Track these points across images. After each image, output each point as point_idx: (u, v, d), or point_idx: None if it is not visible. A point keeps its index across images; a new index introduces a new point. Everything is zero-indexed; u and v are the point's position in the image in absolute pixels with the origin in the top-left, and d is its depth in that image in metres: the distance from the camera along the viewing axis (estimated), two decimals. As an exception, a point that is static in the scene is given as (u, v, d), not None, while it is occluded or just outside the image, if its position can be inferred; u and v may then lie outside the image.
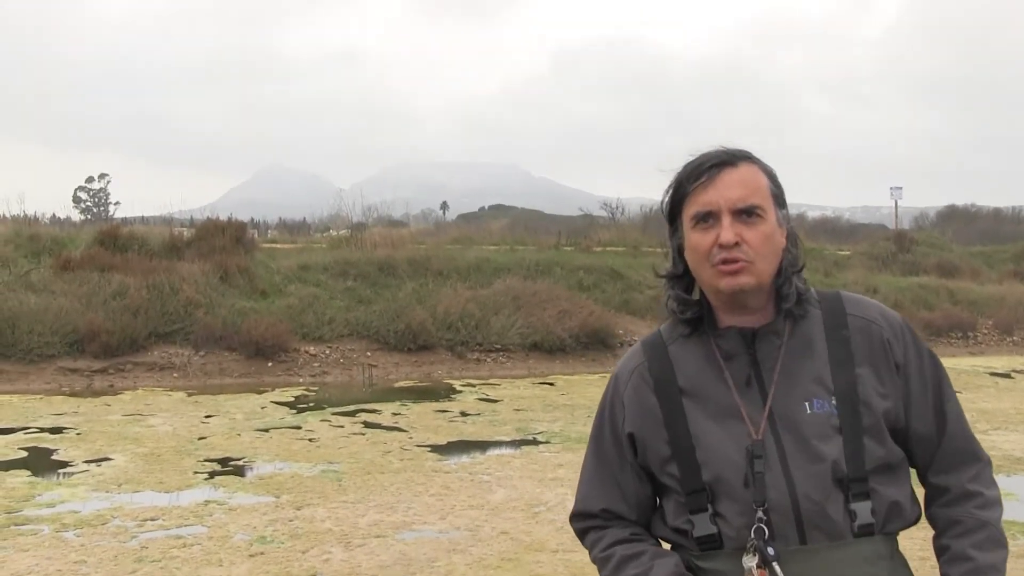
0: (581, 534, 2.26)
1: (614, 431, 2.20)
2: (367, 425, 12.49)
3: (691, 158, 2.12)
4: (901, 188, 39.99)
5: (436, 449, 10.98)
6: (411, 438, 11.54)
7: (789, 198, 2.16)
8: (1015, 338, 24.10)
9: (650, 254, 26.74)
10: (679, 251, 2.15)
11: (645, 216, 48.89)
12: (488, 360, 18.78)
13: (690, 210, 2.08)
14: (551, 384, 16.95)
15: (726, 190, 2.04)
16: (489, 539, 7.47)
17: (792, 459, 2.01)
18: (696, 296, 2.15)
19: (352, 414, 13.32)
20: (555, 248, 27.70)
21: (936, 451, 2.13)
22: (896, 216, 43.98)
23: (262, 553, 7.02)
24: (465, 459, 10.58)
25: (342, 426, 12.36)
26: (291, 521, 7.88)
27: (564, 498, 8.71)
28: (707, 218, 2.04)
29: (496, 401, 14.70)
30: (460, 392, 15.81)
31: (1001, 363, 20.89)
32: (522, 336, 19.15)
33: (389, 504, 8.43)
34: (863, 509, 2.00)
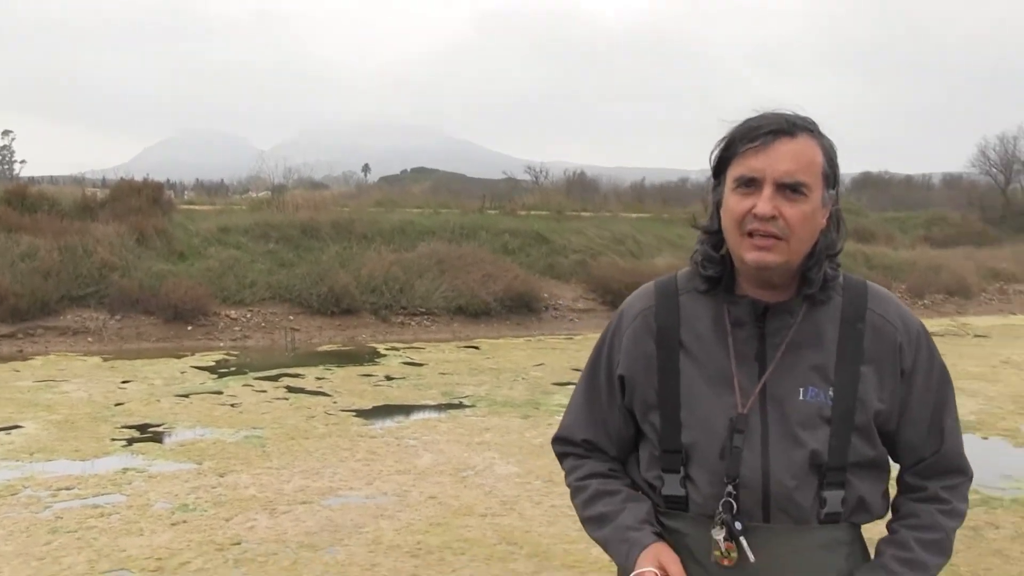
0: (560, 457, 2.26)
1: (609, 368, 2.16)
2: (290, 390, 12.27)
3: (753, 115, 2.01)
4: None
5: (361, 414, 10.83)
6: (335, 403, 11.37)
7: (708, 165, 2.07)
8: (926, 301, 24.58)
9: (574, 218, 26.76)
10: (717, 207, 2.06)
11: (568, 180, 49.07)
12: (413, 324, 18.62)
13: (735, 171, 1.98)
14: (476, 348, 16.85)
15: (776, 160, 1.94)
16: (417, 504, 7.37)
17: (773, 441, 1.96)
18: (721, 255, 2.06)
19: (275, 379, 13.09)
20: (479, 212, 27.58)
21: (924, 461, 2.09)
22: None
23: (184, 521, 6.82)
24: (391, 423, 10.45)
25: (265, 391, 12.13)
26: (214, 488, 7.68)
27: (492, 462, 8.64)
28: (750, 184, 1.95)
29: (421, 365, 14.56)
30: (385, 356, 15.64)
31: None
32: (447, 300, 19.02)
33: (314, 470, 8.27)
34: (834, 497, 1.97)
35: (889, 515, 2.13)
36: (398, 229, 21.92)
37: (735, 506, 1.94)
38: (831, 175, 2.00)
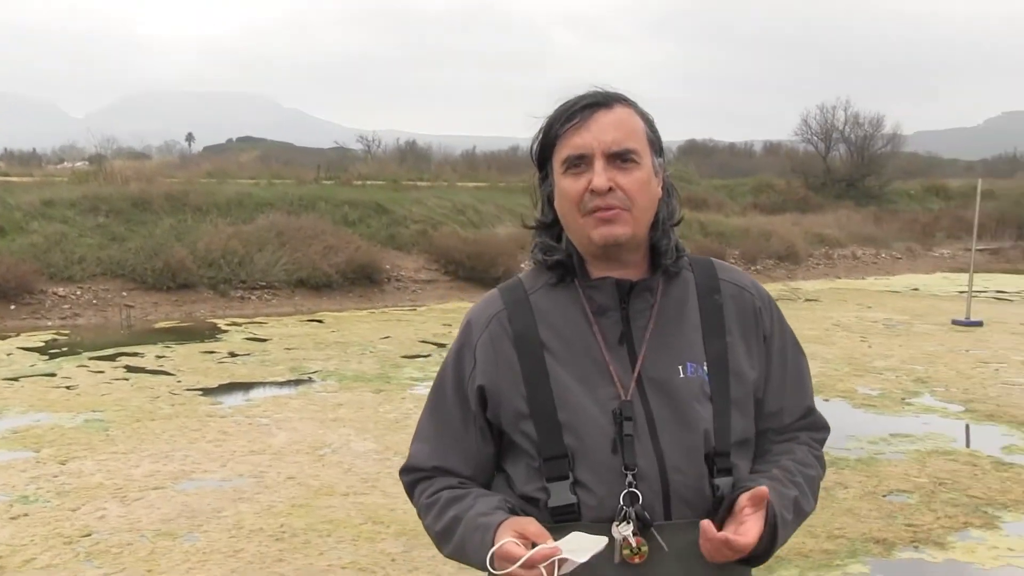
0: (410, 487, 2.09)
1: (458, 384, 2.01)
2: (130, 369, 11.77)
3: (562, 101, 1.96)
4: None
5: (208, 392, 10.48)
6: (179, 382, 10.97)
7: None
8: (758, 267, 25.38)
9: (410, 188, 26.60)
10: (548, 199, 2.00)
11: (401, 150, 48.80)
12: (253, 298, 18.15)
13: (561, 154, 1.92)
14: (320, 321, 16.56)
15: (600, 132, 1.89)
16: (276, 485, 7.18)
17: (662, 427, 1.88)
18: (564, 245, 1.99)
19: (112, 358, 12.53)
20: (315, 182, 27.10)
21: (787, 425, 2.07)
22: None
23: (26, 515, 6.46)
24: (240, 402, 10.15)
25: (102, 371, 11.60)
26: (56, 477, 7.30)
27: (348, 439, 8.50)
28: (579, 162, 1.90)
29: (265, 340, 14.20)
30: (226, 332, 15.20)
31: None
32: (288, 273, 18.61)
33: (164, 453, 7.96)
34: (725, 485, 1.90)
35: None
36: (234, 201, 21.30)
37: (640, 497, 1.84)
38: (656, 141, 1.98)
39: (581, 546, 1.74)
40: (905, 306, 19.32)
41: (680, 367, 1.92)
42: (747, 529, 1.79)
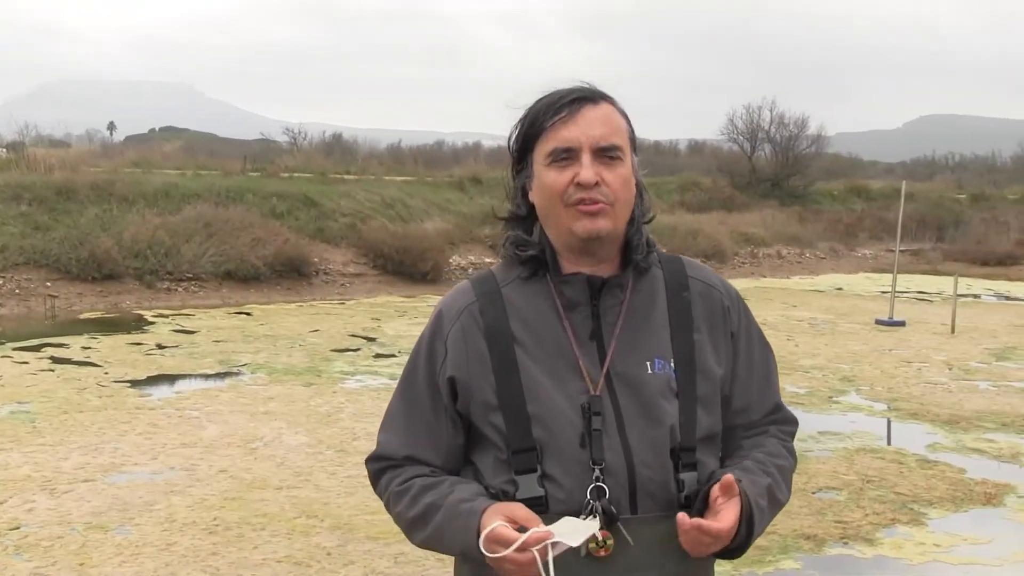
0: (377, 475, 2.06)
1: (430, 374, 2.00)
2: (56, 360, 11.54)
3: (545, 93, 1.97)
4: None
5: (136, 384, 10.32)
6: (107, 373, 10.78)
7: (474, 129, 2.02)
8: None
9: (338, 181, 26.40)
10: (523, 191, 2.00)
11: (328, 143, 48.39)
12: (180, 290, 17.90)
13: (546, 146, 1.93)
14: (248, 314, 16.38)
15: (588, 127, 1.91)
16: (208, 478, 7.09)
17: (629, 421, 1.90)
18: (537, 238, 2.00)
19: (36, 348, 12.27)
20: (242, 173, 26.78)
21: (756, 421, 2.09)
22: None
23: (-49, 507, 6.31)
24: (169, 394, 10.00)
25: (27, 362, 11.36)
26: (-19, 469, 7.14)
27: (280, 432, 8.43)
28: (565, 155, 1.91)
29: (193, 332, 14.01)
30: (153, 323, 14.96)
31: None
32: (215, 265, 18.38)
33: (93, 445, 7.81)
34: (690, 480, 1.93)
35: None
36: (161, 192, 20.95)
37: (607, 491, 1.86)
38: (634, 140, 2.01)
39: (574, 529, 1.76)
40: (830, 305, 19.67)
41: (648, 363, 1.94)
42: (722, 516, 1.82)
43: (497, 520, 1.77)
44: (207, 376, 10.97)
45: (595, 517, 1.84)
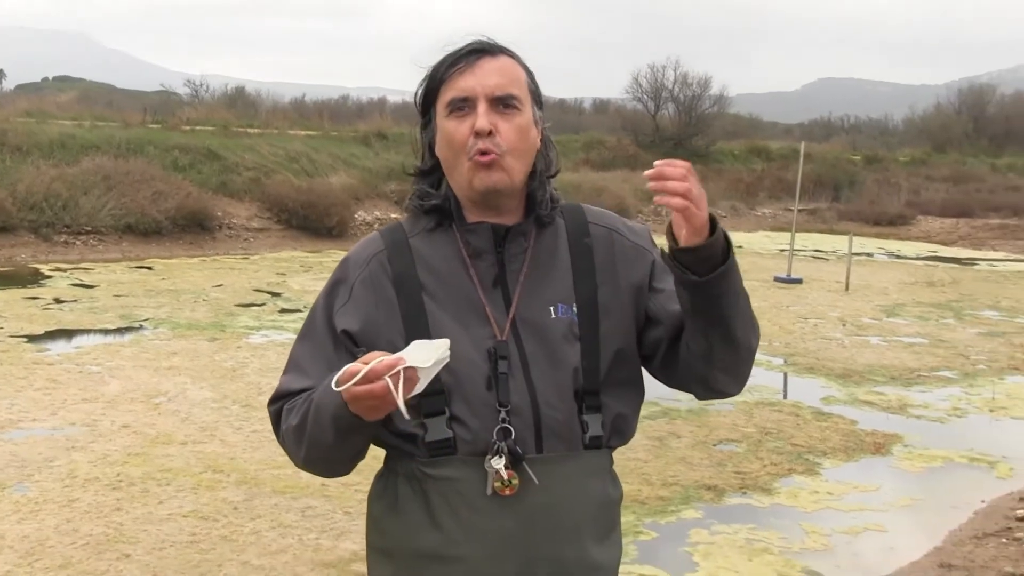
0: (276, 415, 2.03)
1: (328, 316, 2.02)
2: (-54, 315, 11.22)
3: (447, 50, 1.99)
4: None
5: (33, 339, 10.08)
6: (2, 328, 10.50)
7: (379, 84, 2.04)
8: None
9: (242, 134, 25.96)
10: (429, 147, 2.04)
11: (230, 96, 47.40)
12: (78, 243, 17.47)
13: (445, 96, 1.96)
14: (150, 268, 16.09)
15: (484, 77, 1.94)
16: (110, 434, 7.00)
17: (534, 364, 1.95)
18: (442, 191, 2.03)
19: (-74, 303, 11.91)
20: (142, 125, 26.13)
21: None
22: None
23: None
24: (69, 349, 9.81)
25: (-84, 317, 11.03)
26: None
27: (184, 387, 8.35)
28: (463, 105, 1.94)
29: (92, 287, 13.71)
30: (50, 277, 14.59)
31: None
32: (115, 218, 17.97)
33: (-11, 402, 7.65)
34: (594, 421, 1.98)
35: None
36: (57, 142, 20.33)
37: (512, 432, 1.91)
38: (537, 93, 2.04)
39: (424, 352, 1.75)
40: (730, 263, 20.01)
41: (551, 308, 1.99)
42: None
43: (350, 364, 1.76)
44: (108, 331, 10.77)
45: (501, 457, 1.89)
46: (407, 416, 1.74)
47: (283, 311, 12.41)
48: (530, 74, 2.03)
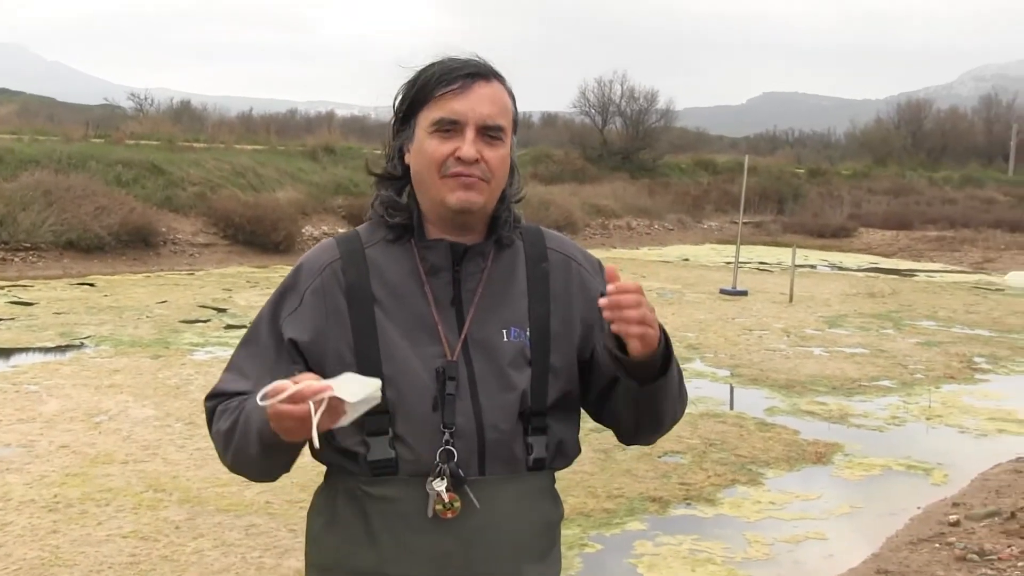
0: (211, 413, 2.03)
1: (274, 320, 2.01)
2: None
3: (437, 59, 1.98)
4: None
5: (-32, 359, 9.93)
6: (-64, 347, 10.33)
7: (315, 96, 2.02)
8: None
9: (187, 149, 25.75)
10: (400, 152, 2.01)
11: (176, 109, 46.97)
12: (17, 260, 17.19)
13: (433, 114, 1.94)
14: (92, 285, 15.88)
15: (478, 104, 1.94)
16: (48, 454, 6.89)
17: (483, 386, 1.94)
18: (406, 201, 2.01)
19: None
20: (85, 140, 25.82)
21: None
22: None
23: None
24: (5, 368, 9.66)
25: None
26: None
27: (126, 405, 8.25)
28: (450, 127, 1.93)
29: (31, 304, 13.52)
30: (-12, 296, 14.37)
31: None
32: (55, 234, 17.72)
33: (-78, 422, 7.51)
34: (539, 443, 1.98)
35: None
36: (-6, 157, 20.07)
37: (455, 454, 1.90)
38: (516, 121, 2.05)
39: (355, 384, 1.75)
40: (677, 275, 20.19)
41: (504, 331, 1.98)
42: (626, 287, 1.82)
43: (280, 381, 1.74)
44: (47, 349, 10.61)
45: (443, 479, 1.88)
46: (316, 445, 1.73)
47: (229, 327, 12.30)
48: (514, 101, 2.03)
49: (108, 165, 21.32)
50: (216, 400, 2.03)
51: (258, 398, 1.74)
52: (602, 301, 1.79)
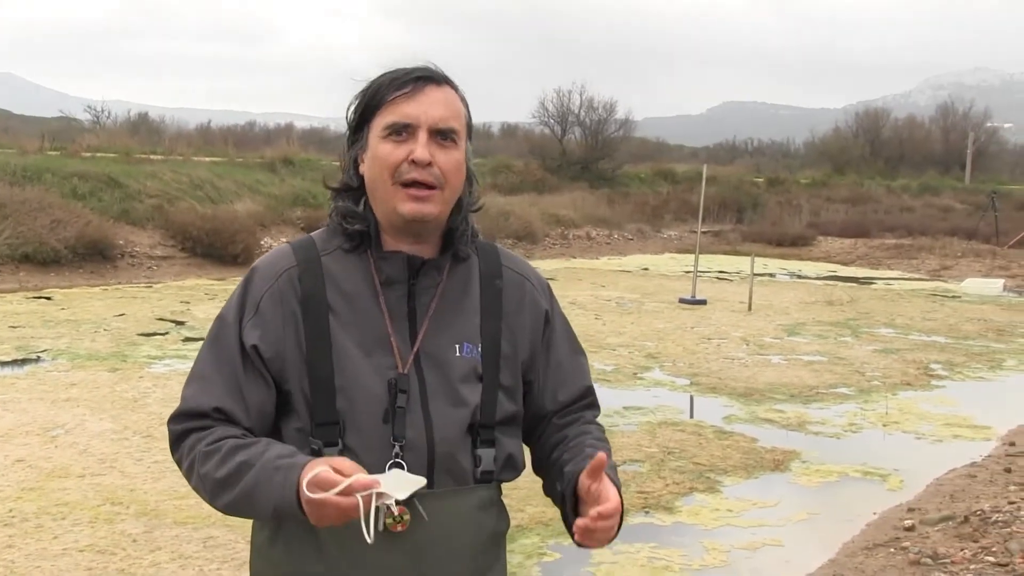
0: (180, 436, 1.95)
1: (237, 328, 1.98)
2: None
3: (388, 69, 1.99)
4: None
5: (-78, 373, 9.80)
6: None
7: (274, 109, 2.04)
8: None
9: (144, 161, 25.57)
10: (355, 162, 2.02)
11: (133, 122, 46.62)
12: (-29, 274, 17.02)
13: (385, 119, 1.95)
14: (48, 298, 15.71)
15: (430, 106, 1.94)
16: (3, 469, 6.83)
17: (433, 400, 1.95)
18: (363, 211, 2.01)
19: None
20: (40, 152, 25.57)
21: (569, 406, 2.16)
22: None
23: None
24: (-40, 383, 9.54)
25: None
26: None
27: (83, 419, 8.18)
28: (403, 131, 1.93)
29: (-14, 318, 13.37)
30: (-60, 309, 14.19)
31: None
32: (11, 247, 17.53)
33: None
34: (487, 456, 1.99)
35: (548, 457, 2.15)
36: (-52, 170, 19.83)
37: (405, 467, 1.90)
38: (470, 128, 2.05)
39: (401, 482, 1.78)
40: (636, 285, 20.28)
41: (457, 346, 2.00)
42: (605, 496, 1.87)
43: (322, 467, 1.73)
44: (2, 363, 10.48)
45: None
46: (370, 540, 1.72)
47: (187, 340, 12.22)
48: (467, 107, 2.04)
49: (64, 178, 21.11)
50: (186, 423, 1.95)
51: (304, 486, 1.71)
52: (579, 523, 1.86)
